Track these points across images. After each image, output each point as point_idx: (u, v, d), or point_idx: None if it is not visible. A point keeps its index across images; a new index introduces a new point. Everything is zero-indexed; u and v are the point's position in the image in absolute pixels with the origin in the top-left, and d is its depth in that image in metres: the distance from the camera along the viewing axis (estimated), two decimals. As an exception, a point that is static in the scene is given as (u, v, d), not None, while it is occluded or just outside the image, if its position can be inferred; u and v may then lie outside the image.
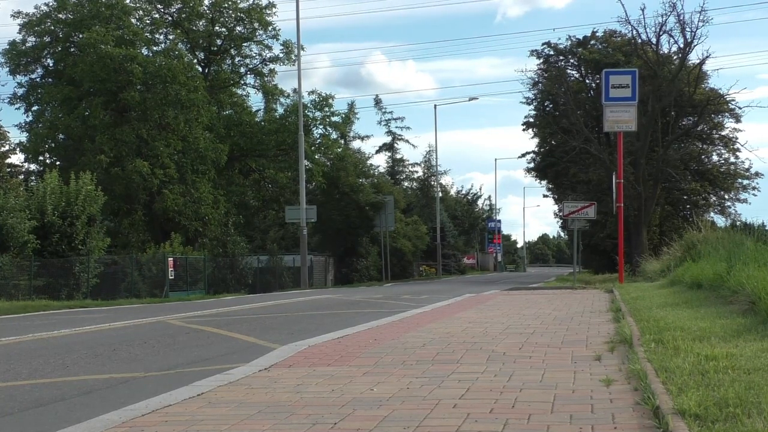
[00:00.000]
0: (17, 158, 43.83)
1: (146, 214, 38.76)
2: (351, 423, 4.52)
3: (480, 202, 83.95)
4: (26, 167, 43.62)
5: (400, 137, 65.21)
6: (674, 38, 38.12)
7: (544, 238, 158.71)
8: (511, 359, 6.95)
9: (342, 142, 49.58)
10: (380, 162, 66.20)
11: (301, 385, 5.84)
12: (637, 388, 5.18)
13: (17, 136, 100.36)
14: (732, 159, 44.33)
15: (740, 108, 41.54)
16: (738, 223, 23.41)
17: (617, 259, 25.38)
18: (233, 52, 46.02)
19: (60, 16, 40.92)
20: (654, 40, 36.08)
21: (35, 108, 41.69)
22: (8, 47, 40.84)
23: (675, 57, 37.37)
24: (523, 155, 49.78)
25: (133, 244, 37.36)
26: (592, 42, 44.43)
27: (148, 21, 43.49)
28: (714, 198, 45.75)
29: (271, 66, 45.96)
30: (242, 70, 46.81)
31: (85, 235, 28.99)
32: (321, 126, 46.00)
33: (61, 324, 14.18)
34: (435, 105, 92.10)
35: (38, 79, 42.11)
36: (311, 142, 43.80)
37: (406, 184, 66.84)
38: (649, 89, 34.57)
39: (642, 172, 35.71)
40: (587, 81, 44.48)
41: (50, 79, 41.73)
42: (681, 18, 34.55)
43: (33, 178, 40.30)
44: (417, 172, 67.88)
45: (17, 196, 28.51)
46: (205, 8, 44.04)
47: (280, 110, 46.18)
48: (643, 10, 49.65)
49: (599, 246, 44.54)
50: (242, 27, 44.82)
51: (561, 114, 42.16)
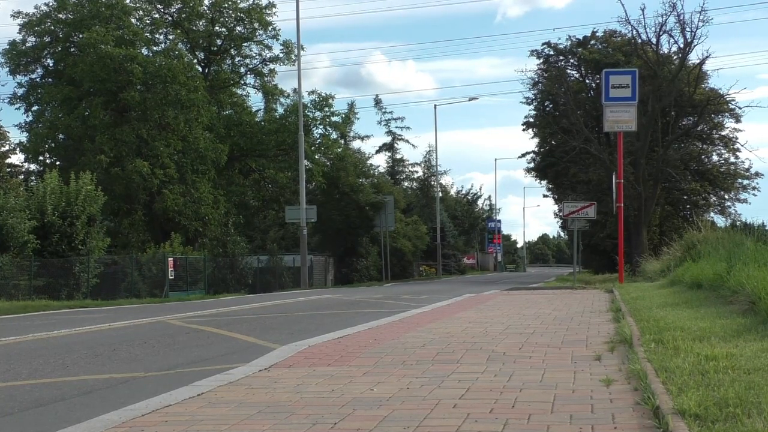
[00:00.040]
0: (17, 158, 43.92)
1: (146, 214, 38.76)
2: (351, 423, 4.53)
3: (480, 202, 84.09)
4: (26, 167, 43.70)
5: (400, 137, 65.31)
6: (674, 38, 38.19)
7: (544, 238, 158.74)
8: (511, 359, 6.95)
9: (342, 142, 49.59)
10: (380, 162, 66.32)
11: (301, 385, 5.84)
12: (637, 388, 5.18)
13: (17, 136, 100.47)
14: (732, 159, 44.40)
15: (740, 108, 41.63)
16: (738, 223, 23.43)
17: (617, 259, 25.38)
18: (233, 52, 46.03)
19: (60, 16, 40.93)
20: (654, 40, 36.13)
21: (35, 108, 41.70)
22: (8, 47, 40.86)
23: (675, 57, 37.37)
24: (523, 155, 49.87)
25: (133, 244, 37.36)
26: (592, 42, 44.43)
27: (148, 21, 43.50)
28: (714, 198, 45.76)
29: (271, 66, 46.05)
30: (242, 70, 46.85)
31: (85, 235, 28.99)
32: (321, 126, 46.05)
33: (61, 324, 14.18)
34: (435, 105, 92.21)
35: (38, 79, 42.12)
36: (311, 142, 43.80)
37: (406, 184, 66.85)
38: (649, 89, 34.57)
39: (642, 172, 35.70)
40: (587, 81, 44.48)
41: (50, 79, 41.73)
42: (681, 18, 34.62)
43: (33, 178, 40.29)
44: (417, 172, 68.00)
45: (17, 196, 28.50)
46: (205, 8, 44.05)
47: (280, 110, 46.25)
48: (643, 10, 49.71)
49: (599, 246, 44.53)
50: (242, 27, 44.83)
51: (561, 114, 42.15)
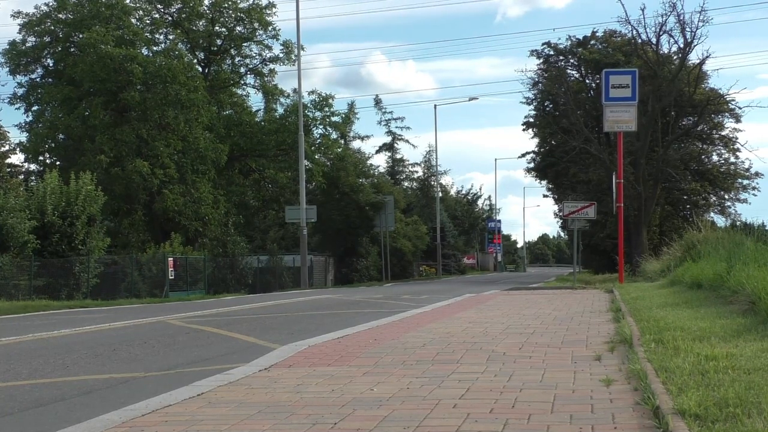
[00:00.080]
0: (17, 158, 43.91)
1: (146, 214, 38.75)
2: (351, 423, 4.52)
3: (480, 202, 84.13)
4: (26, 167, 43.70)
5: (400, 137, 65.33)
6: (674, 38, 38.17)
7: (544, 238, 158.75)
8: (511, 359, 6.95)
9: (342, 142, 49.59)
10: (380, 162, 66.35)
11: (301, 385, 5.84)
12: (637, 388, 5.18)
13: (17, 136, 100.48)
14: (732, 159, 44.40)
15: (740, 108, 41.63)
16: (738, 223, 23.45)
17: (617, 259, 25.37)
18: (233, 52, 46.03)
19: (60, 16, 40.92)
20: (654, 40, 36.14)
21: (35, 108, 41.69)
22: (8, 47, 40.85)
23: (675, 57, 37.37)
24: (523, 155, 49.87)
25: (133, 244, 37.36)
26: (592, 42, 44.43)
27: (148, 21, 43.49)
28: (714, 198, 45.76)
29: (271, 66, 46.05)
30: (242, 70, 46.84)
31: (85, 235, 28.98)
32: (321, 126, 46.04)
33: (61, 324, 14.17)
34: (435, 105, 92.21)
35: (38, 79, 42.11)
36: (311, 142, 43.80)
37: (406, 184, 66.87)
38: (649, 89, 34.57)
39: (642, 172, 35.71)
40: (587, 81, 44.48)
41: (50, 79, 41.73)
42: (681, 18, 34.63)
43: (33, 178, 40.29)
44: (417, 172, 68.03)
45: (17, 196, 28.49)
46: (205, 8, 44.04)
47: (280, 110, 46.24)
48: (643, 10, 49.72)
49: (599, 246, 44.53)
50: (242, 27, 44.83)
51: (561, 114, 42.15)
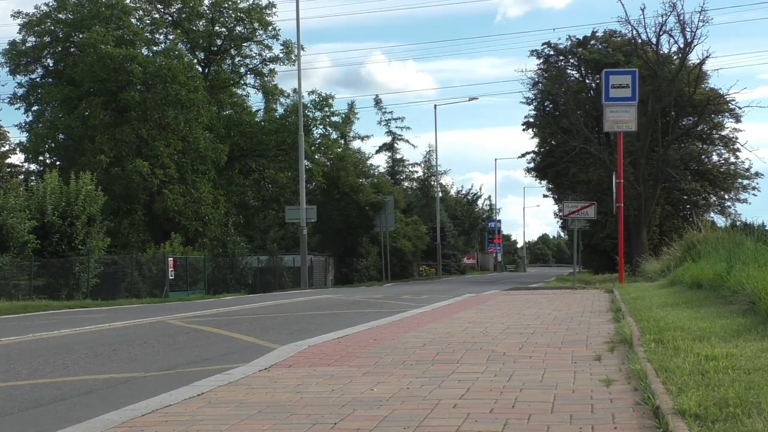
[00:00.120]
0: (17, 158, 43.91)
1: (146, 214, 38.75)
2: (351, 423, 4.52)
3: (480, 202, 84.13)
4: (26, 167, 43.70)
5: (400, 137, 65.34)
6: (674, 38, 38.17)
7: (544, 238, 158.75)
8: (511, 359, 6.95)
9: (342, 142, 49.59)
10: (380, 162, 66.36)
11: (301, 385, 5.84)
12: (637, 388, 5.18)
13: (17, 136, 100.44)
14: (732, 159, 44.40)
15: (740, 108, 41.63)
16: (738, 223, 23.46)
17: (617, 259, 25.37)
18: (233, 52, 46.03)
19: (60, 16, 40.92)
20: (654, 40, 36.13)
21: (35, 108, 41.69)
22: (8, 47, 40.85)
23: (675, 57, 37.37)
24: (523, 155, 49.87)
25: (133, 244, 37.36)
26: (592, 42, 44.42)
27: (148, 21, 43.49)
28: (714, 198, 45.75)
29: (271, 66, 46.05)
30: (242, 70, 46.84)
31: (85, 235, 28.98)
32: (321, 126, 46.05)
33: (61, 324, 14.17)
34: (435, 105, 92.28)
35: (38, 79, 42.12)
36: (311, 142, 43.80)
37: (406, 184, 66.88)
38: (649, 89, 34.57)
39: (642, 172, 35.70)
40: (587, 81, 44.47)
41: (50, 79, 41.73)
42: (681, 18, 34.62)
43: (33, 178, 40.29)
44: (417, 172, 68.03)
45: (17, 196, 28.49)
46: (205, 8, 44.04)
47: (280, 110, 46.24)
48: (643, 10, 49.72)
49: (599, 246, 44.53)
50: (242, 27, 44.83)
51: (561, 114, 42.15)
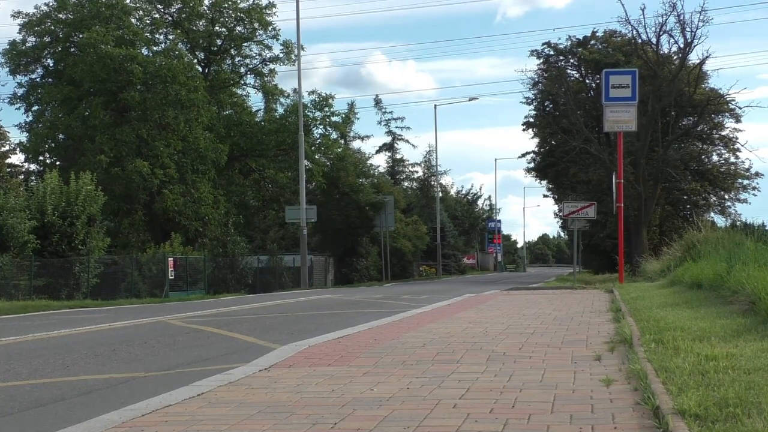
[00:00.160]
0: (17, 158, 43.92)
1: (146, 214, 38.75)
2: (351, 423, 4.52)
3: (480, 202, 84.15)
4: (26, 167, 43.71)
5: (400, 137, 65.35)
6: (674, 38, 38.16)
7: (544, 238, 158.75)
8: (511, 359, 6.95)
9: (342, 142, 49.60)
10: (380, 162, 66.37)
11: (301, 385, 5.84)
12: (637, 388, 5.18)
13: (17, 136, 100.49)
14: (732, 159, 44.39)
15: (740, 108, 41.63)
16: (738, 223, 23.46)
17: (617, 259, 25.37)
18: (233, 52, 46.04)
19: (60, 16, 40.92)
20: (654, 40, 36.13)
21: (35, 108, 41.70)
22: (8, 47, 40.85)
23: (675, 57, 37.37)
24: (523, 155, 49.86)
25: (133, 244, 37.36)
26: (592, 42, 44.42)
27: (148, 21, 43.49)
28: (714, 198, 45.75)
29: (271, 66, 46.05)
30: (242, 70, 46.84)
31: (85, 235, 28.98)
32: (321, 126, 46.05)
33: (61, 324, 14.17)
34: (435, 105, 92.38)
35: (38, 79, 42.12)
36: (311, 142, 43.80)
37: (406, 184, 66.89)
38: (649, 89, 34.56)
39: (642, 172, 35.70)
40: (587, 81, 44.47)
41: (50, 79, 41.73)
42: (681, 18, 34.62)
43: (33, 178, 40.29)
44: (417, 172, 68.06)
45: (17, 196, 28.49)
46: (205, 8, 44.05)
47: (280, 110, 46.25)
48: (643, 10, 49.75)
49: (599, 246, 44.53)
50: (242, 27, 44.83)
51: (561, 114, 42.15)
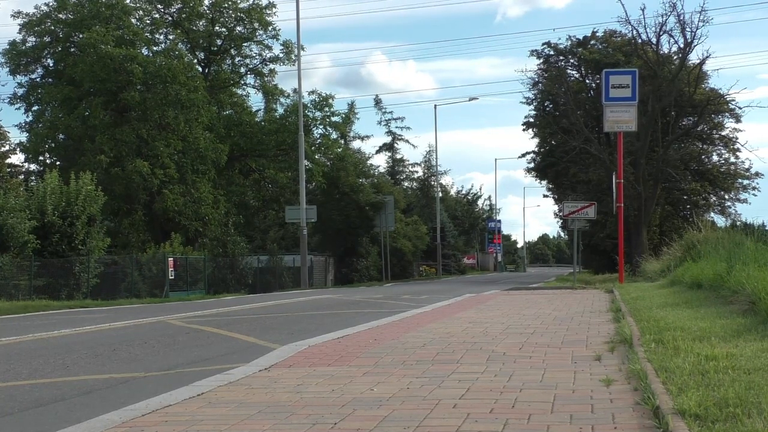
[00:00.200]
0: (17, 158, 43.92)
1: (146, 214, 38.75)
2: (351, 423, 4.52)
3: (480, 202, 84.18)
4: (26, 167, 43.72)
5: (400, 137, 65.37)
6: (674, 38, 38.17)
7: (544, 238, 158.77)
8: (511, 359, 6.95)
9: (342, 142, 49.60)
10: (380, 162, 66.39)
11: (301, 385, 5.83)
12: (637, 388, 5.18)
13: (17, 136, 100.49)
14: (732, 159, 44.39)
15: (740, 108, 41.64)
16: (738, 223, 23.48)
17: (617, 259, 25.36)
18: (233, 52, 46.04)
19: (60, 16, 40.92)
20: (654, 40, 36.13)
21: (35, 108, 41.70)
22: (8, 47, 40.86)
23: (675, 57, 37.37)
24: (523, 155, 49.87)
25: (133, 244, 37.36)
26: (592, 42, 44.42)
27: (148, 21, 43.50)
28: (714, 198, 45.75)
29: (271, 66, 46.07)
30: (242, 70, 46.85)
31: (85, 235, 28.97)
32: (321, 126, 46.05)
33: (61, 324, 14.17)
34: (435, 105, 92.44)
35: (38, 79, 42.13)
36: (311, 142, 43.80)
37: (406, 184, 66.89)
38: (649, 89, 34.56)
39: (642, 172, 35.70)
40: (587, 81, 44.47)
41: (50, 79, 41.74)
42: (681, 18, 34.62)
43: (33, 178, 40.30)
44: (417, 172, 68.07)
45: (17, 196, 28.49)
46: (205, 8, 44.06)
47: (280, 110, 46.27)
48: (643, 10, 49.76)
49: (599, 246, 44.53)
50: (242, 27, 44.84)
51: (561, 114, 42.15)
